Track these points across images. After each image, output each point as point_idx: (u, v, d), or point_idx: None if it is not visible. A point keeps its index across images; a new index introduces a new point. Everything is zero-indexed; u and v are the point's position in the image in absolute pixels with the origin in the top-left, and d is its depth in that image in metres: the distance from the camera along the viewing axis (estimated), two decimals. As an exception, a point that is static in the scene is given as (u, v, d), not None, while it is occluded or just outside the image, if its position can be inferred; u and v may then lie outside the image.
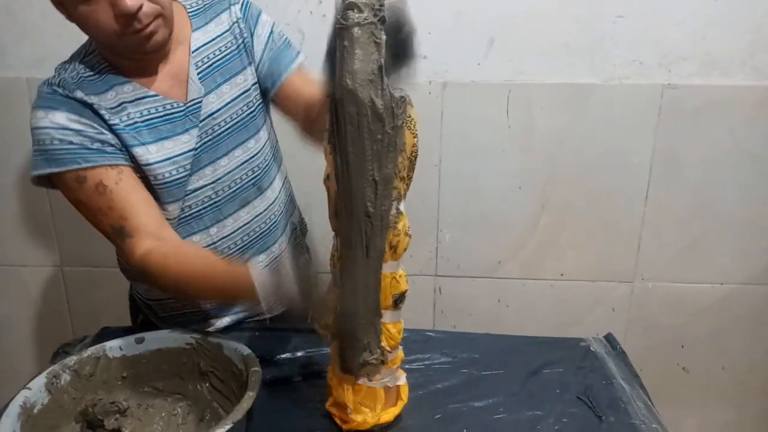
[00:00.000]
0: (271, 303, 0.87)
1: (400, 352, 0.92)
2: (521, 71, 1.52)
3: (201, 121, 1.04)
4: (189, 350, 0.99)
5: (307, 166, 1.37)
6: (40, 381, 0.88)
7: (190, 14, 1.06)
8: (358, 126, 0.74)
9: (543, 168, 1.60)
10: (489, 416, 0.97)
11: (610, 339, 1.18)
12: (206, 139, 1.05)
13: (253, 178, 1.11)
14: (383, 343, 0.86)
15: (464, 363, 1.10)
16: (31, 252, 1.78)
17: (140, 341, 0.98)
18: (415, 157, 0.81)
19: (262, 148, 1.12)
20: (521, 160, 1.59)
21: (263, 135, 1.12)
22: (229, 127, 1.07)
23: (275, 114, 1.19)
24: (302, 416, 0.96)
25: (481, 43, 1.51)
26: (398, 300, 0.86)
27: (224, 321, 1.18)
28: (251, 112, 1.09)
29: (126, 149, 0.99)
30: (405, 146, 0.79)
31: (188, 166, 1.04)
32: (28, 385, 0.87)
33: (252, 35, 1.08)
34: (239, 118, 1.07)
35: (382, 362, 0.85)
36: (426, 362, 1.10)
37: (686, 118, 1.54)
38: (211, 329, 1.14)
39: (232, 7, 1.08)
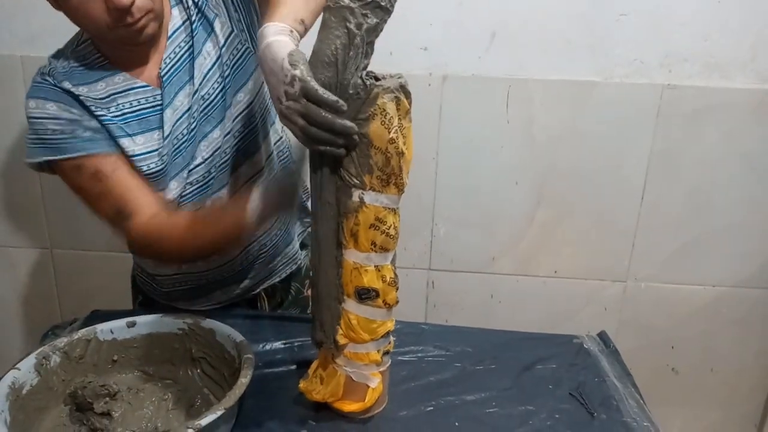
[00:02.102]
0: (266, 211, 0.87)
1: (372, 353, 0.88)
2: (522, 66, 1.52)
3: (192, 103, 1.01)
4: (181, 335, 0.98)
5: None
6: (30, 362, 0.87)
7: None
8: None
9: (540, 164, 1.59)
10: (481, 410, 0.96)
11: (603, 337, 1.18)
12: (198, 117, 1.02)
13: (237, 143, 1.08)
14: (340, 329, 0.86)
15: (457, 357, 1.09)
16: (20, 234, 1.75)
17: (131, 325, 0.98)
18: (397, 153, 0.78)
19: (245, 110, 1.07)
20: (519, 155, 1.59)
21: (246, 96, 1.06)
22: (214, 98, 1.03)
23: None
24: (293, 404, 0.95)
25: (482, 36, 1.50)
26: (363, 294, 0.84)
27: (226, 294, 1.19)
28: (229, 72, 1.03)
29: (113, 140, 0.99)
30: (375, 141, 0.76)
31: (170, 154, 1.02)
32: (17, 366, 0.85)
33: None
34: (219, 86, 1.03)
35: (333, 346, 0.87)
36: (419, 355, 1.09)
37: (685, 119, 1.54)
38: (211, 306, 1.16)
39: None
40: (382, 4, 0.74)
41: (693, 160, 1.57)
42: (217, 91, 1.04)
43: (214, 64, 1.03)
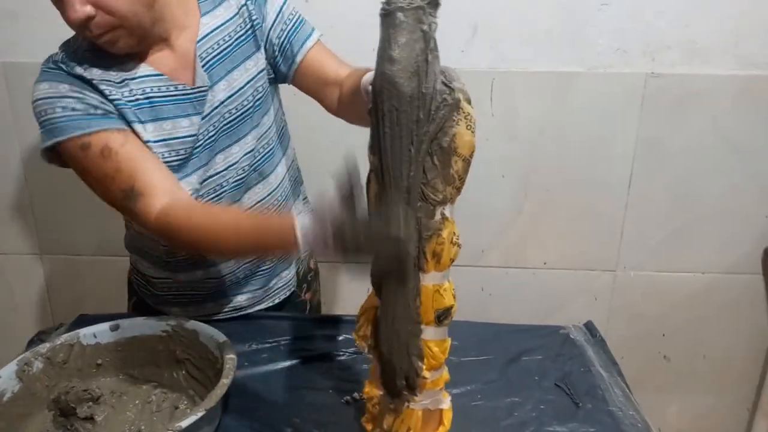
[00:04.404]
0: (317, 250, 0.76)
1: (444, 374, 0.82)
2: (505, 59, 1.51)
3: (213, 110, 1.01)
4: (165, 337, 0.98)
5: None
6: (11, 368, 0.87)
7: None
8: (397, 122, 0.66)
9: (526, 156, 1.59)
10: (467, 403, 0.97)
11: (589, 327, 1.19)
12: (220, 127, 1.03)
13: (256, 163, 1.09)
14: (423, 365, 0.76)
15: (443, 350, 1.09)
16: (9, 240, 1.75)
17: (115, 328, 0.97)
18: (471, 157, 0.72)
19: (266, 131, 1.10)
20: (504, 148, 1.58)
21: (269, 119, 1.11)
22: (241, 114, 1.04)
23: (287, 95, 1.17)
24: (278, 403, 0.95)
25: (464, 30, 1.50)
26: (442, 316, 0.76)
27: (219, 307, 1.18)
28: (261, 97, 1.07)
29: (127, 123, 0.97)
30: (459, 148, 0.69)
31: (182, 152, 1.01)
32: (-3, 373, 0.86)
33: (262, 17, 1.05)
34: (250, 104, 1.05)
35: (413, 388, 0.77)
36: (405, 350, 1.09)
37: (669, 106, 1.53)
38: (201, 316, 1.12)
39: None
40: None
41: (679, 148, 1.57)
42: (246, 108, 1.05)
43: (249, 82, 1.04)
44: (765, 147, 1.56)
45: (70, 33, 1.02)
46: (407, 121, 0.66)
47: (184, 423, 0.75)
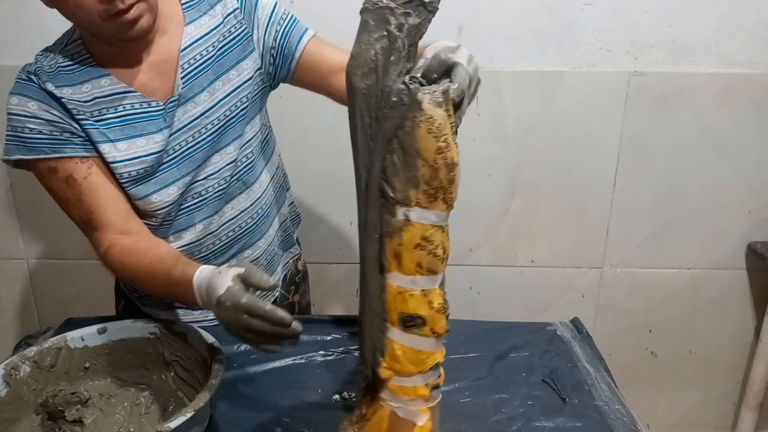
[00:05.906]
0: (208, 308, 0.85)
1: (420, 388, 0.78)
2: (491, 59, 1.53)
3: (193, 120, 1.01)
4: (153, 340, 0.98)
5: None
6: (-3, 373, 0.86)
7: (183, 6, 1.02)
8: (354, 116, 0.70)
9: (513, 155, 1.61)
10: (455, 400, 0.97)
11: (576, 323, 1.19)
12: (201, 138, 1.03)
13: (239, 173, 1.09)
14: (383, 361, 0.76)
15: (432, 348, 1.10)
16: (-6, 244, 1.74)
17: (102, 331, 0.97)
18: (446, 165, 0.69)
19: (250, 141, 1.09)
20: (491, 147, 1.60)
21: (253, 129, 1.09)
22: (223, 124, 1.04)
23: (275, 99, 1.17)
24: (268, 403, 0.95)
25: (450, 29, 1.51)
26: (407, 321, 0.74)
27: (204, 313, 1.16)
28: (245, 107, 1.06)
29: (93, 144, 0.97)
30: (422, 151, 0.68)
31: (154, 166, 1.01)
32: (-17, 378, 0.85)
33: (252, 24, 1.04)
34: (233, 115, 1.04)
35: (367, 378, 0.78)
36: (394, 348, 1.10)
37: (653, 105, 1.55)
38: (191, 319, 1.13)
39: None
40: (426, 1, 0.69)
41: (663, 145, 1.59)
42: (229, 118, 1.04)
43: (232, 92, 1.04)
44: (747, 143, 1.59)
45: (56, 36, 1.02)
46: (362, 116, 0.69)
47: (173, 424, 0.74)
